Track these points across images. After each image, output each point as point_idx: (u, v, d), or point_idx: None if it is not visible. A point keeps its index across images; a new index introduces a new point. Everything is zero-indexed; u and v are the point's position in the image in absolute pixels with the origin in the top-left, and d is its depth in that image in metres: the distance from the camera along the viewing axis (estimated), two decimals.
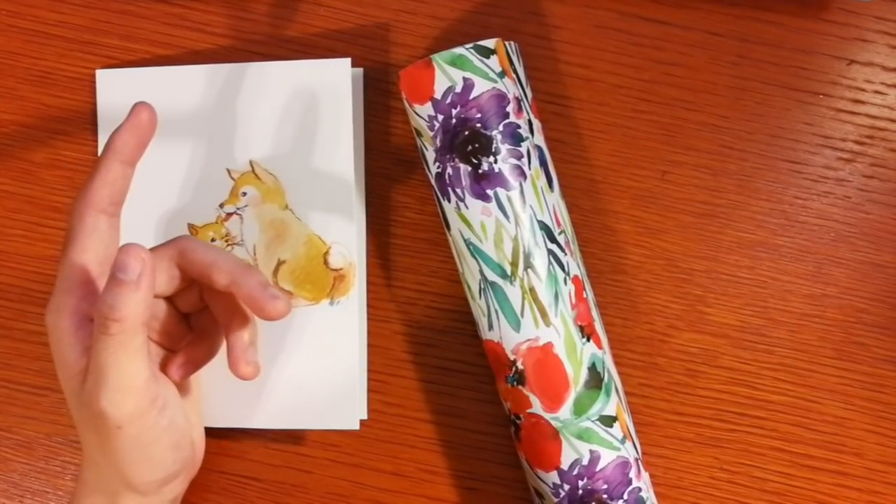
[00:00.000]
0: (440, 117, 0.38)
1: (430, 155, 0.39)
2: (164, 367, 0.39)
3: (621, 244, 0.43)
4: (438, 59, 0.37)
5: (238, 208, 0.43)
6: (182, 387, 0.40)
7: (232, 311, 0.39)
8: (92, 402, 0.34)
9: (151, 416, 0.35)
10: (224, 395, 0.41)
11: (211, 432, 0.42)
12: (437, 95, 0.37)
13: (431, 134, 0.38)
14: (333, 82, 0.42)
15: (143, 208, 0.43)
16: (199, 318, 0.41)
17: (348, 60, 0.42)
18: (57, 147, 0.45)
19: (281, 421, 0.43)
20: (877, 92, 0.42)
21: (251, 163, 0.43)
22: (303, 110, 0.43)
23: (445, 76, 0.37)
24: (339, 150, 0.42)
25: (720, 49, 0.43)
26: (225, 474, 0.44)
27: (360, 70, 0.43)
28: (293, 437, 0.44)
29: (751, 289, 0.43)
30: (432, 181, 0.39)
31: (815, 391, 0.43)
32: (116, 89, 0.44)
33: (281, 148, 0.43)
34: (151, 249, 0.37)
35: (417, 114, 0.38)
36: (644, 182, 0.43)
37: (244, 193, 0.43)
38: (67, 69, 0.45)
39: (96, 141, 0.45)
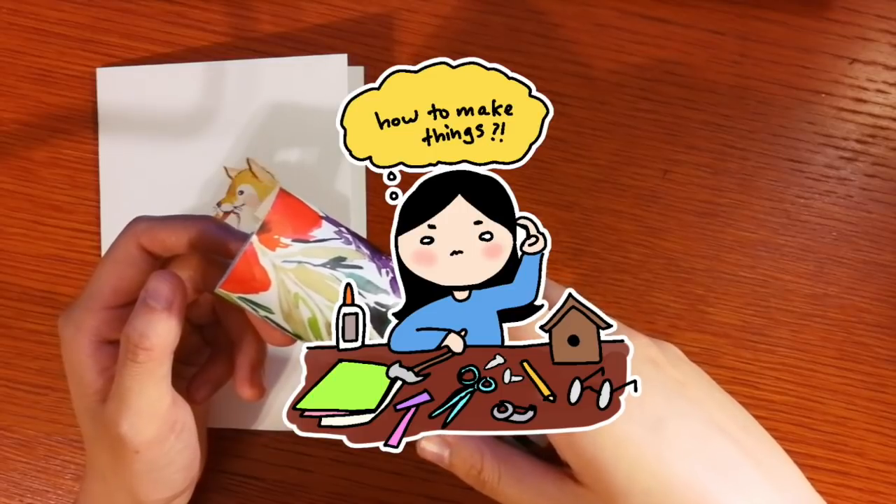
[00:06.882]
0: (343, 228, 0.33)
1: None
2: (184, 388, 0.37)
3: (623, 243, 0.43)
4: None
5: (235, 207, 0.43)
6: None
7: (242, 329, 0.37)
8: (112, 425, 0.34)
9: (170, 441, 0.35)
10: (224, 397, 0.41)
11: (212, 431, 0.42)
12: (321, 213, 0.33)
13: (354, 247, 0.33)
14: (329, 78, 0.42)
15: (141, 206, 0.43)
16: (213, 333, 0.40)
17: (344, 56, 0.42)
18: (57, 145, 0.45)
19: (280, 423, 0.43)
20: (879, 91, 0.42)
21: (248, 161, 0.43)
22: (299, 107, 0.43)
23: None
24: (335, 148, 0.42)
25: (722, 47, 0.43)
26: (226, 473, 0.44)
27: (360, 68, 0.43)
28: (294, 437, 0.44)
29: (752, 288, 0.43)
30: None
31: (816, 391, 0.42)
32: (117, 87, 0.44)
33: (278, 145, 0.43)
34: (175, 260, 0.36)
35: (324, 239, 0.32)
36: (645, 181, 0.43)
37: (241, 192, 0.43)
38: (68, 67, 0.45)
39: (97, 139, 0.45)
